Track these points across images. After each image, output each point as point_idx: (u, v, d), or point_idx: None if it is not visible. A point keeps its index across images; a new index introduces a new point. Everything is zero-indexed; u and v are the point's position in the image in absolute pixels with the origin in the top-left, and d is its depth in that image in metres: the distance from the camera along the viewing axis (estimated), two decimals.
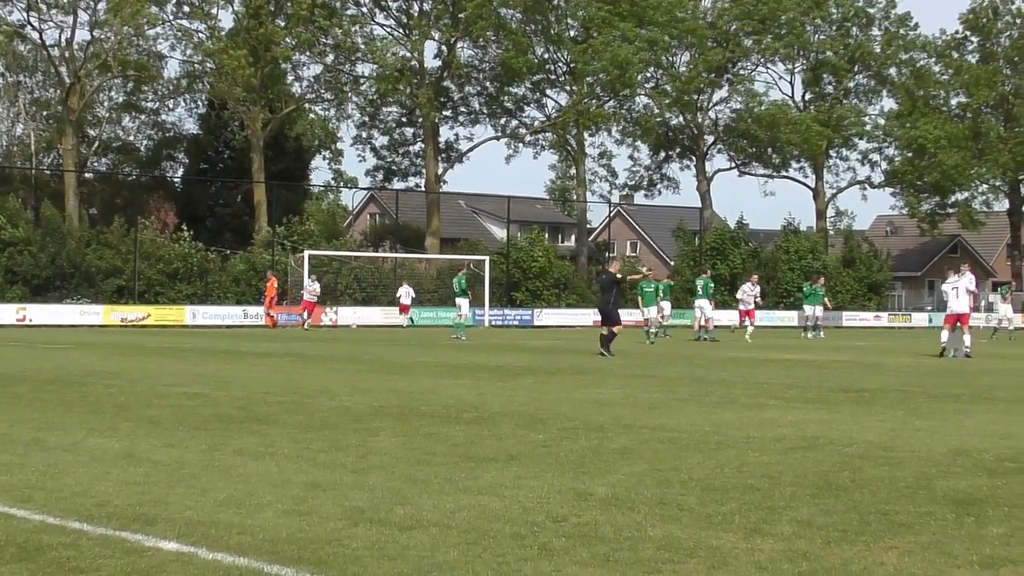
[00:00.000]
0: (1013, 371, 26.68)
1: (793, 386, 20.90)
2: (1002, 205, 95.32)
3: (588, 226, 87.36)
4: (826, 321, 54.08)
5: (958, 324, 33.05)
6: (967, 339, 32.62)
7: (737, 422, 14.59)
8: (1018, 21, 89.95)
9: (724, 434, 13.29)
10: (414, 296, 58.66)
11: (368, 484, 9.66)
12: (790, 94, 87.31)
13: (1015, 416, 15.79)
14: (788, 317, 70.90)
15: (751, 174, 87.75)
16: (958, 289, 33.05)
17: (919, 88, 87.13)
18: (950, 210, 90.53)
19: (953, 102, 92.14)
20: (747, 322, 45.14)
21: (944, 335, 33.73)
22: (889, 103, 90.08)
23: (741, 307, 46.17)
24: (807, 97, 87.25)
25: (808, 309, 50.83)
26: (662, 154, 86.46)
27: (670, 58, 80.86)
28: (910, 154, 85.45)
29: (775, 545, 7.52)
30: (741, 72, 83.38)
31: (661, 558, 7.15)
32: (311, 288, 53.50)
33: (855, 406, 17.07)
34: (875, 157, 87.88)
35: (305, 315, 53.05)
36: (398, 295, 58.18)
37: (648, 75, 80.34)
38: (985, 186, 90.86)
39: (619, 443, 12.44)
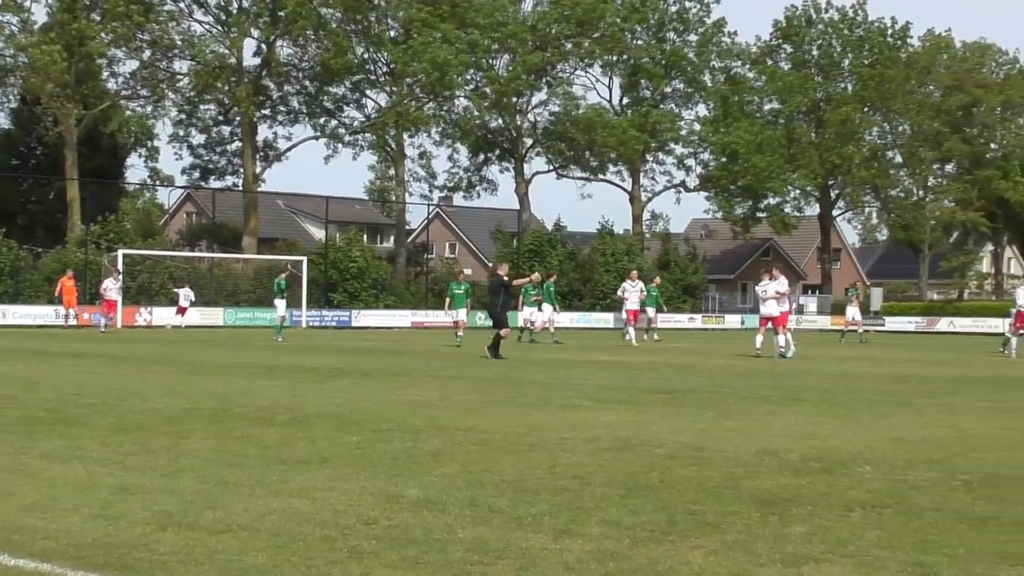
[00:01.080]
0: (821, 373, 27.28)
1: (607, 387, 21.11)
2: (813, 209, 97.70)
3: (407, 227, 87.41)
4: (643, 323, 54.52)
5: (771, 326, 33.86)
6: (781, 340, 33.41)
7: (550, 423, 14.68)
8: (830, 30, 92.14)
9: (537, 436, 13.35)
10: (192, 299, 57.85)
11: (178, 488, 9.52)
12: (608, 98, 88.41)
13: (821, 417, 16.13)
14: (604, 319, 71.66)
15: (569, 177, 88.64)
16: (767, 292, 33.79)
17: (733, 94, 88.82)
18: (763, 214, 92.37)
19: (766, 108, 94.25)
20: (629, 326, 44.47)
21: (759, 338, 34.49)
22: (704, 109, 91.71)
23: (627, 307, 44.60)
24: (624, 101, 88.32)
25: (649, 311, 50.97)
26: (481, 156, 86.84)
27: (490, 60, 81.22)
28: (724, 159, 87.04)
29: (584, 545, 7.58)
30: (560, 75, 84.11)
31: (470, 560, 7.16)
32: (112, 287, 52.06)
33: (667, 407, 17.29)
34: (690, 162, 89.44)
35: (108, 315, 51.75)
36: (177, 296, 57.23)
37: (468, 77, 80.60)
38: (797, 191, 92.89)
39: (433, 445, 12.44)
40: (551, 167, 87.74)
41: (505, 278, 32.53)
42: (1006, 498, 9.52)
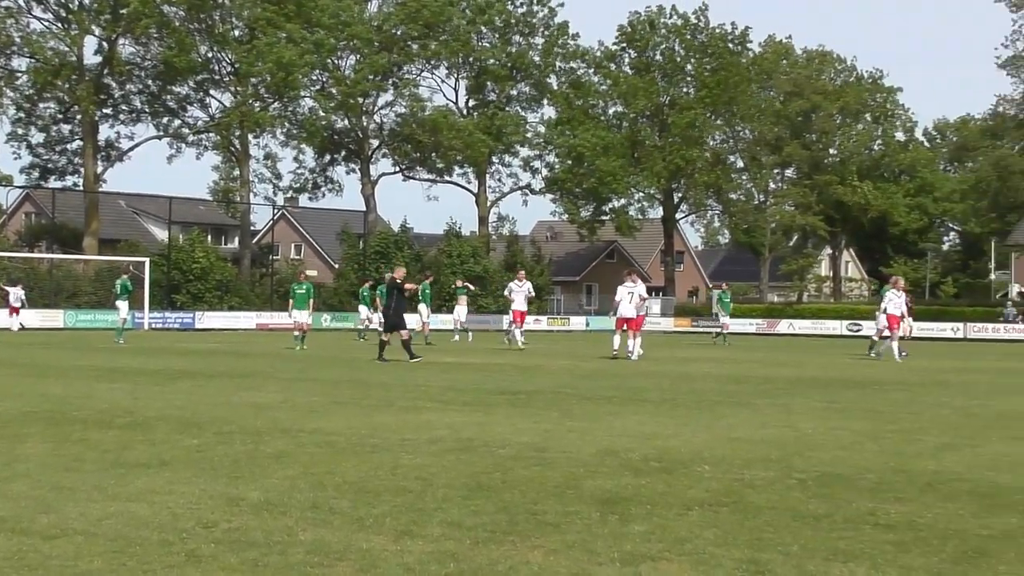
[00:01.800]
0: (663, 374, 27.57)
1: (451, 389, 21.13)
2: (657, 212, 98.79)
3: (252, 228, 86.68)
4: (485, 323, 54.56)
5: (626, 328, 34.34)
6: (637, 342, 33.95)
7: (394, 425, 14.66)
8: (672, 35, 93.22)
9: (380, 437, 13.33)
10: (24, 299, 56.84)
11: (11, 492, 9.34)
12: (454, 100, 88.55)
13: (662, 417, 16.30)
14: (446, 321, 71.62)
15: (415, 178, 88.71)
16: (633, 295, 34.27)
17: (578, 97, 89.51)
18: (608, 216, 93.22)
19: (611, 111, 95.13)
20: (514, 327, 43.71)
21: (616, 339, 34.86)
22: (549, 111, 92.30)
23: (514, 307, 43.70)
24: (471, 104, 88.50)
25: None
26: (327, 157, 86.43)
27: (336, 61, 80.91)
28: (569, 162, 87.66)
29: (424, 546, 7.59)
30: (407, 77, 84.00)
31: (311, 562, 7.13)
32: None
33: (511, 408, 17.35)
34: (536, 164, 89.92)
35: None
36: (6, 296, 56.19)
37: (314, 77, 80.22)
38: (641, 193, 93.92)
39: (275, 447, 12.35)
40: (397, 168, 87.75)
41: (398, 281, 32.47)
42: (839, 496, 9.71)
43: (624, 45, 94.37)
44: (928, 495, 9.88)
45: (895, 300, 37.45)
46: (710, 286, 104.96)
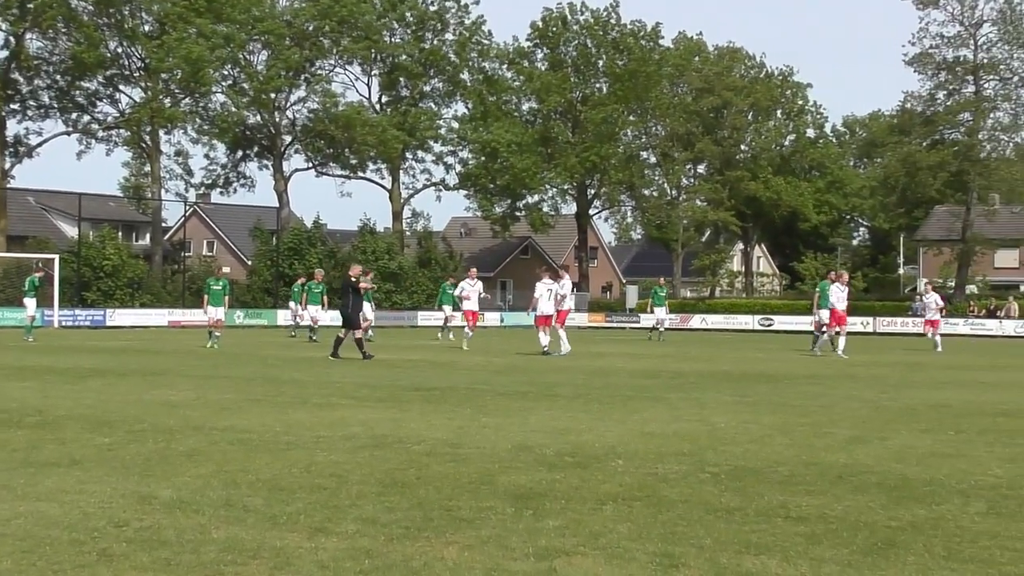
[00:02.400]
0: (578, 369, 27.65)
1: (365, 385, 21.10)
2: (570, 208, 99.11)
3: (164, 224, 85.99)
4: (400, 320, 54.50)
5: (554, 324, 34.62)
6: (563, 336, 34.46)
7: (308, 422, 14.62)
8: (584, 32, 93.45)
9: (294, 434, 13.30)
10: None
11: None
12: (367, 96, 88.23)
13: (576, 412, 16.37)
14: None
15: (328, 174, 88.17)
16: (552, 292, 34.48)
17: (491, 93, 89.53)
18: (522, 212, 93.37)
19: (524, 107, 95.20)
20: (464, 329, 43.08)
21: (542, 337, 34.96)
22: (463, 107, 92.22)
23: (466, 307, 42.84)
24: (384, 100, 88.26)
25: (446, 309, 50.58)
26: (239, 153, 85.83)
27: (247, 56, 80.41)
28: (483, 158, 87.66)
29: (339, 544, 7.58)
30: (319, 72, 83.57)
31: (224, 560, 7.09)
32: None
33: (425, 404, 17.35)
34: (450, 160, 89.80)
35: None
36: None
37: (225, 73, 79.65)
38: (554, 189, 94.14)
39: (187, 445, 12.27)
40: (310, 164, 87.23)
41: (354, 279, 32.31)
42: (751, 490, 9.80)
43: (537, 41, 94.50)
44: (838, 487, 10.01)
45: (838, 294, 37.08)
46: (623, 281, 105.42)
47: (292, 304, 51.04)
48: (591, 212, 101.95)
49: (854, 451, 12.47)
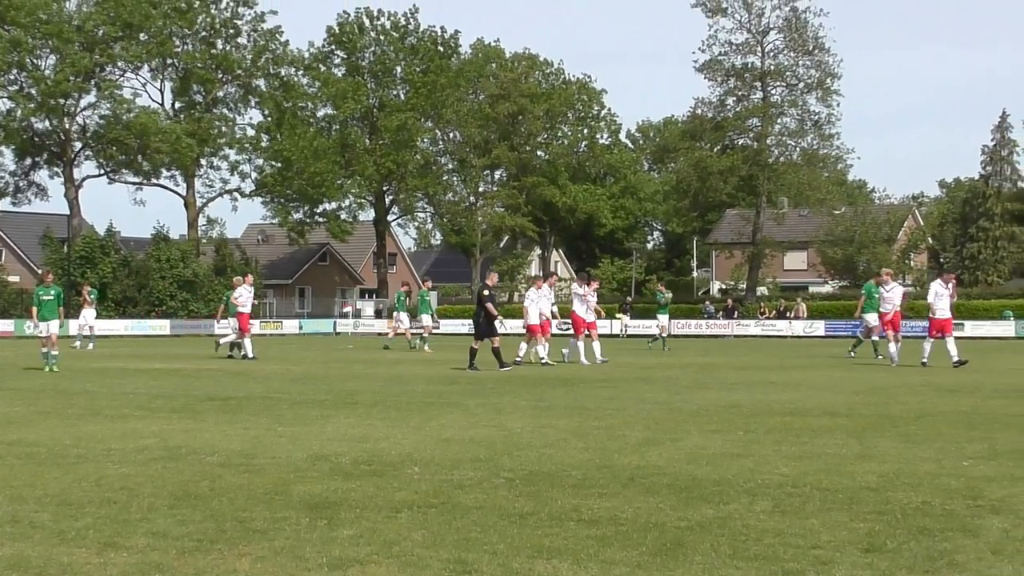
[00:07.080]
0: (375, 376, 27.66)
1: (159, 396, 20.80)
2: (368, 215, 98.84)
3: None
4: (196, 328, 53.69)
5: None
6: (544, 347, 36.02)
7: (99, 434, 14.36)
8: (382, 38, 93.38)
9: (85, 447, 13.06)
10: None
11: None
12: (160, 102, 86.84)
13: (374, 420, 16.35)
14: (160, 326, 70.61)
15: (121, 181, 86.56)
16: (540, 300, 35.23)
17: (287, 100, 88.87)
18: (319, 219, 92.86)
19: (320, 114, 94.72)
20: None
21: (523, 347, 35.39)
22: (258, 114, 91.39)
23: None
24: (177, 106, 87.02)
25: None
26: (28, 160, 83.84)
27: (35, 60, 78.58)
28: (279, 164, 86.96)
29: (129, 558, 7.47)
30: (110, 78, 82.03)
31: None
32: None
33: (220, 414, 17.18)
34: (245, 167, 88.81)
35: None
36: None
37: (12, 77, 77.76)
38: (352, 196, 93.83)
39: None
40: (102, 171, 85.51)
41: (486, 293, 32.46)
42: (544, 494, 9.90)
43: (333, 47, 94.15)
44: (630, 489, 10.17)
45: (886, 294, 34.35)
46: (421, 286, 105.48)
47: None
48: (389, 218, 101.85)
49: (646, 453, 12.68)
